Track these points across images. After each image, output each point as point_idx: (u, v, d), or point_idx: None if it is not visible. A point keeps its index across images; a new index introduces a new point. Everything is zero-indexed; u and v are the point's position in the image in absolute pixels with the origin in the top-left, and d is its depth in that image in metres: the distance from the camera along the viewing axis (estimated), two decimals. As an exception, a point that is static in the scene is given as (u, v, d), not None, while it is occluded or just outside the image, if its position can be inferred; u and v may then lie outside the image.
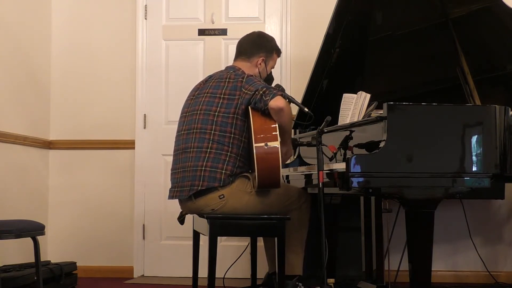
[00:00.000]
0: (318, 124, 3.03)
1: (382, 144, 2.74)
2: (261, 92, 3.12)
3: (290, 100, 3.35)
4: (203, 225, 3.22)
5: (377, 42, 3.91)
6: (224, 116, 3.19)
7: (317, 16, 4.40)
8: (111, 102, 4.72)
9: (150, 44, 4.70)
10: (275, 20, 4.62)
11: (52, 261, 4.12)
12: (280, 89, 3.27)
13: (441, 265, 4.32)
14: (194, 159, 3.18)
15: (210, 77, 3.40)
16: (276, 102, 3.07)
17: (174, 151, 3.35)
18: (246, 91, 3.18)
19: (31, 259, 3.36)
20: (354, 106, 3.38)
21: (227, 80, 3.27)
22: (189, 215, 3.41)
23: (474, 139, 2.80)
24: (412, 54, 3.85)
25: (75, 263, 4.17)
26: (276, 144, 3.05)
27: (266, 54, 3.46)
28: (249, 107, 3.16)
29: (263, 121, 3.11)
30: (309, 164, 3.78)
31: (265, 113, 3.11)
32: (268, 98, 3.08)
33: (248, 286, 3.82)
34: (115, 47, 4.74)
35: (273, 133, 3.08)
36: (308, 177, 3.39)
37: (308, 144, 3.13)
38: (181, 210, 3.37)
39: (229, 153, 3.17)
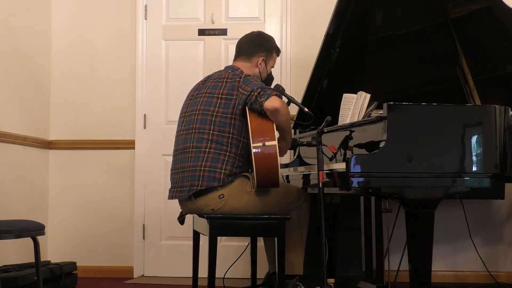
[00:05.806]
0: (318, 124, 3.03)
1: (382, 144, 2.74)
2: (255, 93, 3.11)
3: (290, 100, 3.35)
4: (203, 225, 3.22)
5: (377, 42, 3.91)
6: (222, 116, 3.19)
7: (317, 16, 4.40)
8: (111, 102, 4.72)
9: (150, 44, 4.70)
10: (275, 20, 4.62)
11: (52, 261, 4.12)
12: (280, 89, 3.27)
13: (441, 265, 4.32)
14: (193, 159, 3.18)
15: (209, 77, 3.40)
16: (271, 102, 3.06)
17: (174, 151, 3.35)
18: (242, 91, 3.17)
19: (31, 259, 3.36)
20: (354, 106, 3.38)
21: (225, 80, 3.27)
22: (189, 215, 3.42)
23: (474, 139, 2.80)
24: (412, 54, 3.85)
25: (75, 263, 4.17)
26: (274, 143, 3.05)
27: (266, 53, 3.46)
28: (246, 108, 3.16)
29: (261, 121, 3.11)
30: (309, 164, 3.78)
31: (262, 113, 3.11)
32: (263, 99, 3.07)
33: (248, 286, 3.82)
34: (115, 47, 4.74)
35: (271, 133, 3.07)
36: (307, 177, 3.39)
37: (308, 144, 3.13)
38: (181, 210, 3.37)
39: (228, 153, 3.17)
